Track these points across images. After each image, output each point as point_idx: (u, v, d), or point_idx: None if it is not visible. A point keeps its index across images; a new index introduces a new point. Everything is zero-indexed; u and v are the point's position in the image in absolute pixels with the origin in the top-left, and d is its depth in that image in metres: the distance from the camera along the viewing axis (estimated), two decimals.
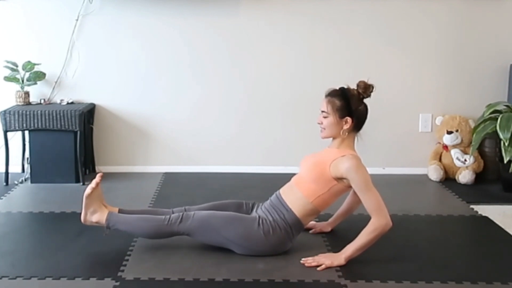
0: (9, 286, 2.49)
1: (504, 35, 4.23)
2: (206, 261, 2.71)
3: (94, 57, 4.20)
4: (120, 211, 2.88)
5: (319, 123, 2.79)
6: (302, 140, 4.27)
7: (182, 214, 2.75)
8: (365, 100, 2.80)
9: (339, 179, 2.69)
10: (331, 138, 2.82)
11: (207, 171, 4.29)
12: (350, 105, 2.73)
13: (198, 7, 4.15)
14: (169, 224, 2.73)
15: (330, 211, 3.05)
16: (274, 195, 2.87)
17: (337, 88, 2.79)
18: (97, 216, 2.79)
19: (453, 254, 2.86)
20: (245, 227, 2.72)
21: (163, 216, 2.77)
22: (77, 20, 4.13)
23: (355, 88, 2.77)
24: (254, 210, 2.90)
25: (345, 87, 2.79)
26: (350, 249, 2.65)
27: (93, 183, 2.78)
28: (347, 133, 2.76)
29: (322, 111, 2.77)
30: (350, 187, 2.71)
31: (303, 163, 2.85)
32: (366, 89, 2.75)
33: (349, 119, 2.74)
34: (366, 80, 2.77)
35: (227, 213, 2.78)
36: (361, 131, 2.82)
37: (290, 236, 2.77)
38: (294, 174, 4.02)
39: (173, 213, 2.88)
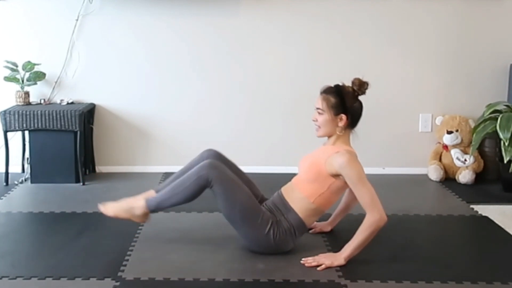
0: (9, 286, 2.49)
1: (504, 35, 4.23)
2: (206, 261, 2.71)
3: (94, 57, 4.21)
4: (156, 191, 2.87)
5: (314, 120, 2.80)
6: (302, 140, 4.26)
7: (216, 162, 2.75)
8: (365, 99, 2.80)
9: (336, 175, 2.69)
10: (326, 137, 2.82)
11: None
12: (345, 102, 2.73)
13: (198, 7, 4.15)
14: (201, 168, 2.69)
15: (329, 210, 3.05)
16: (276, 195, 2.87)
17: (332, 85, 2.79)
18: (137, 209, 2.78)
19: (453, 254, 2.86)
20: (260, 218, 2.70)
21: (190, 173, 2.74)
22: (77, 20, 4.13)
23: (350, 85, 2.77)
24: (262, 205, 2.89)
25: (340, 84, 2.79)
26: (348, 249, 2.65)
27: (104, 212, 2.83)
28: (342, 130, 2.76)
29: (317, 108, 2.77)
30: None
31: (301, 164, 2.85)
32: (361, 86, 2.75)
33: (344, 116, 2.73)
34: (361, 77, 2.76)
35: (253, 197, 2.77)
36: (361, 131, 2.82)
37: (293, 237, 2.77)
38: (295, 174, 4.02)
39: (201, 157, 2.94)
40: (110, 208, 2.82)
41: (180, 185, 2.74)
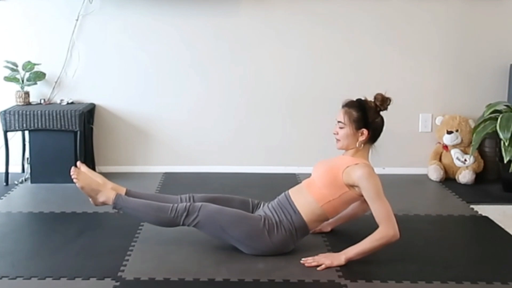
0: (9, 286, 2.49)
1: (504, 35, 4.23)
2: (206, 261, 2.71)
3: (94, 57, 4.21)
4: (127, 192, 2.90)
5: (334, 134, 2.79)
6: (302, 140, 4.27)
7: (189, 206, 2.74)
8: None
9: (351, 186, 2.69)
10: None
11: (207, 171, 4.29)
12: (367, 117, 2.73)
13: (198, 7, 4.15)
14: (175, 216, 2.73)
15: None
16: (282, 195, 2.86)
17: (354, 99, 2.79)
18: (103, 196, 2.82)
19: (453, 254, 2.86)
20: (251, 226, 2.71)
21: (170, 206, 2.76)
22: (77, 20, 4.13)
23: (373, 100, 2.76)
24: (260, 209, 2.90)
25: (363, 98, 2.78)
26: (352, 252, 2.65)
27: (73, 176, 2.81)
28: (362, 145, 2.75)
29: (339, 121, 2.77)
30: (361, 196, 2.69)
31: (316, 167, 2.84)
32: (383, 101, 2.75)
33: (365, 131, 2.73)
34: (383, 93, 2.76)
35: (234, 211, 2.77)
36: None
37: (294, 239, 2.77)
38: (294, 174, 4.02)
39: (180, 200, 2.90)
40: (82, 178, 2.82)
41: (157, 210, 2.77)
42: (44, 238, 3.04)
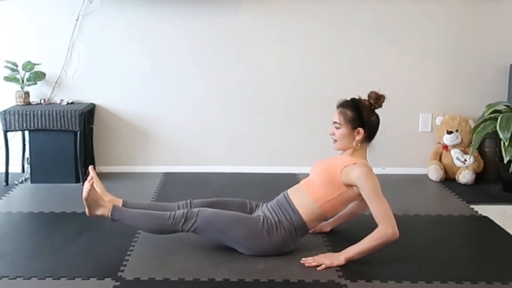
0: (9, 286, 2.49)
1: (504, 35, 4.23)
2: (206, 261, 2.71)
3: (94, 57, 4.20)
4: (124, 204, 2.89)
5: (331, 134, 2.79)
6: (302, 141, 4.27)
7: (187, 212, 2.74)
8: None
9: (349, 186, 2.69)
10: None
11: (207, 171, 4.29)
12: (362, 116, 2.73)
13: (198, 7, 4.15)
14: (174, 223, 2.72)
15: None
16: (281, 195, 2.86)
17: (349, 99, 2.78)
18: (101, 210, 2.78)
19: (453, 254, 2.86)
20: (249, 227, 2.71)
21: (168, 214, 2.75)
22: (77, 20, 4.13)
23: (367, 98, 2.76)
24: (259, 209, 2.90)
25: (357, 97, 2.78)
26: (351, 251, 2.64)
27: (87, 186, 2.72)
28: (359, 144, 2.75)
29: (334, 122, 2.77)
30: (360, 195, 2.68)
31: (314, 167, 2.84)
32: (377, 99, 2.74)
33: (361, 130, 2.73)
34: (377, 91, 2.75)
35: (232, 213, 2.77)
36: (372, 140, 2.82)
37: (294, 238, 2.77)
38: (294, 174, 4.01)
39: (178, 208, 2.89)
40: (93, 190, 2.76)
41: (155, 219, 2.75)
42: (44, 238, 3.04)
